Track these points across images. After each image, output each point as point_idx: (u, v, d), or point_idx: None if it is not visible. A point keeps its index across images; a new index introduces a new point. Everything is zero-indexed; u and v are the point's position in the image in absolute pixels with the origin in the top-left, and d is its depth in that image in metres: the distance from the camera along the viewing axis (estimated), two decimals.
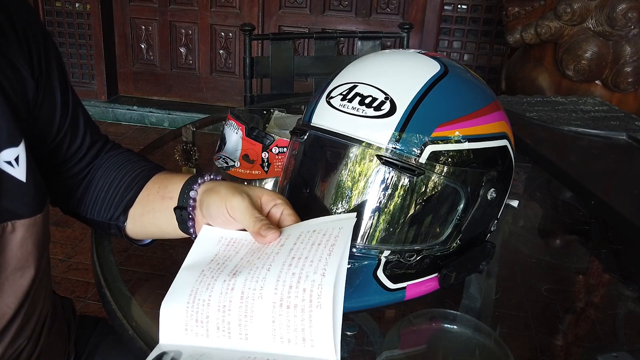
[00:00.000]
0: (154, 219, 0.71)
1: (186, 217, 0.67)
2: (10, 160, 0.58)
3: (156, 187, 0.72)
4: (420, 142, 0.63)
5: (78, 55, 3.73)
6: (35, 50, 0.65)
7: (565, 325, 0.77)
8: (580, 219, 1.11)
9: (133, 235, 0.75)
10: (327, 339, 0.53)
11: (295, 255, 0.57)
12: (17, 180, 0.59)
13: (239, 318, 0.55)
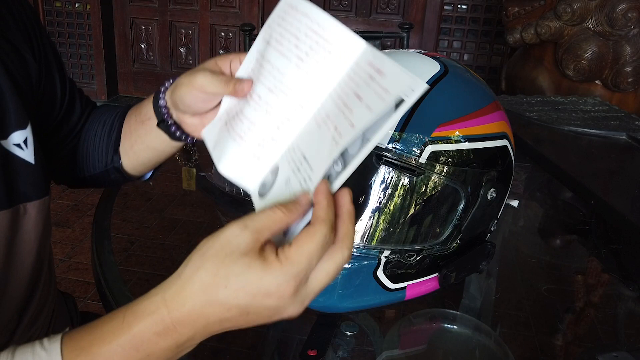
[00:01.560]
0: (144, 144, 0.72)
1: (170, 126, 0.66)
2: (19, 143, 0.59)
3: (133, 117, 0.73)
4: (420, 142, 0.63)
5: (78, 55, 3.74)
6: (32, 31, 0.66)
7: (565, 325, 0.77)
8: (580, 219, 1.11)
9: (132, 170, 0.75)
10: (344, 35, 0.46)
11: None
12: (27, 162, 0.60)
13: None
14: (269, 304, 0.42)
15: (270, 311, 0.42)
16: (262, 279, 0.41)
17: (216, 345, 0.69)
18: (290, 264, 0.41)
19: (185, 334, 0.43)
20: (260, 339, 0.73)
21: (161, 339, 0.42)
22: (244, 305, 0.42)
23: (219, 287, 0.41)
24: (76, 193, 2.54)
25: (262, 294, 0.41)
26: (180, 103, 0.61)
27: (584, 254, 1.02)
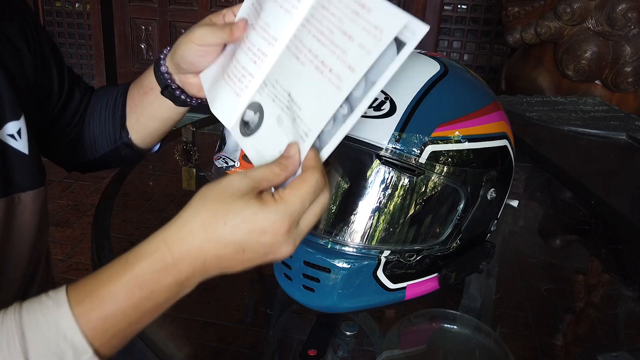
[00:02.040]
0: (150, 114, 0.73)
1: (174, 91, 0.68)
2: (12, 134, 0.60)
3: (135, 91, 0.74)
4: (420, 142, 0.63)
5: (78, 55, 3.74)
6: (26, 23, 0.67)
7: (565, 325, 0.77)
8: (580, 219, 1.11)
9: (141, 143, 0.77)
10: None
11: None
12: (21, 152, 0.61)
13: None
14: (263, 240, 0.44)
15: (265, 248, 0.45)
16: (258, 216, 0.44)
17: (216, 345, 0.69)
18: (284, 204, 0.44)
19: (184, 271, 0.45)
20: (260, 339, 0.73)
21: (162, 276, 0.44)
22: (240, 242, 0.44)
23: (218, 224, 0.44)
24: (76, 193, 2.54)
25: (257, 231, 0.44)
26: (182, 62, 0.63)
27: (584, 254, 1.02)
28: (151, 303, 0.45)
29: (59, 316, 0.43)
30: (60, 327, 0.42)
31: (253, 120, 0.53)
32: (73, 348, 0.43)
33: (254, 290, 0.84)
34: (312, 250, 0.66)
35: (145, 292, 0.44)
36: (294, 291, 0.69)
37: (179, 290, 0.46)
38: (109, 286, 0.44)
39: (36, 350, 0.42)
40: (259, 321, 0.76)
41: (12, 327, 0.42)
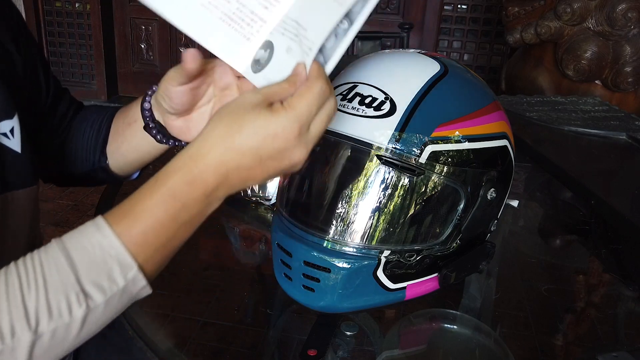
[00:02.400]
0: (130, 146, 0.72)
1: (152, 129, 0.67)
2: (5, 132, 0.60)
3: (121, 119, 0.74)
4: (420, 142, 0.63)
5: (78, 55, 3.74)
6: (15, 27, 0.67)
7: (565, 325, 0.77)
8: (580, 219, 1.11)
9: (118, 170, 0.76)
10: None
11: None
12: (14, 151, 0.61)
13: None
14: (277, 145, 0.48)
15: (280, 153, 0.49)
16: (270, 123, 0.48)
17: (216, 345, 0.69)
18: (293, 109, 0.48)
19: (210, 183, 0.48)
20: (260, 339, 0.73)
21: (192, 188, 0.48)
22: (256, 148, 0.48)
23: (234, 134, 0.48)
24: (76, 193, 2.54)
25: (271, 136, 0.48)
26: (163, 101, 0.63)
27: (584, 254, 1.02)
28: (185, 215, 0.48)
29: (102, 237, 0.46)
30: (104, 247, 0.45)
31: (263, 57, 0.56)
32: (119, 264, 0.46)
33: (254, 290, 0.84)
34: (312, 250, 0.66)
35: (179, 203, 0.48)
36: (294, 291, 0.69)
37: (209, 203, 0.49)
38: (144, 202, 0.47)
39: (85, 269, 0.44)
40: (259, 321, 0.76)
41: (58, 254, 0.45)
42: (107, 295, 0.45)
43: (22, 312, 0.42)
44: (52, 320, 0.43)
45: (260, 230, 0.97)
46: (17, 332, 0.42)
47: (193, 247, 0.92)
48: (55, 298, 0.43)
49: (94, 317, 0.45)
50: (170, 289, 0.80)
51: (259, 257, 0.91)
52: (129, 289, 0.47)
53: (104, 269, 0.45)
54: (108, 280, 0.45)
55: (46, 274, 0.44)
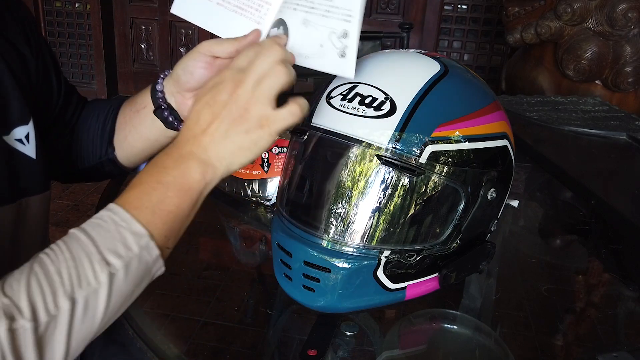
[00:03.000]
0: (138, 134, 0.73)
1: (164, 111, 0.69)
2: (21, 138, 0.60)
3: (128, 108, 0.74)
4: (420, 142, 0.63)
5: (78, 55, 3.74)
6: (28, 29, 0.67)
7: (565, 325, 0.77)
8: (580, 219, 1.11)
9: (125, 161, 0.77)
10: None
11: None
12: (29, 157, 0.61)
13: None
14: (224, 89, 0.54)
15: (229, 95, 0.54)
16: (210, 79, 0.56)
17: (216, 345, 0.69)
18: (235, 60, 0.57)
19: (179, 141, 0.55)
20: (260, 339, 0.73)
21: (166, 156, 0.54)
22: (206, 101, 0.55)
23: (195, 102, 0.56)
24: (76, 193, 2.54)
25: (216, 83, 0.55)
26: (184, 72, 0.65)
27: (584, 254, 1.02)
28: (168, 176, 0.53)
29: (112, 214, 0.51)
30: (115, 221, 0.50)
31: (278, 34, 0.62)
32: (132, 233, 0.50)
33: (254, 290, 0.84)
34: (312, 250, 0.66)
35: (160, 168, 0.54)
36: (294, 291, 0.69)
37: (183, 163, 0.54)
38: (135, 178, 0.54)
39: (102, 241, 0.49)
40: (259, 321, 0.76)
41: (77, 234, 0.50)
42: (124, 260, 0.49)
43: (59, 282, 0.46)
44: (82, 288, 0.47)
45: (260, 230, 0.97)
46: (58, 301, 0.46)
47: (193, 247, 0.92)
48: (82, 267, 0.48)
49: (117, 283, 0.49)
50: (170, 289, 0.80)
51: (259, 257, 0.91)
52: (144, 257, 0.51)
53: (119, 238, 0.50)
54: (124, 247, 0.50)
55: (71, 250, 0.48)
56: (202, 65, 0.63)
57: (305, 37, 0.60)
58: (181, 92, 0.67)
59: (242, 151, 0.55)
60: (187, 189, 0.53)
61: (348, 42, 0.59)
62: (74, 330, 0.47)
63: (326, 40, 0.60)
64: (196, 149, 0.54)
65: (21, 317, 0.44)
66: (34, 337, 0.44)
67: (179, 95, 0.67)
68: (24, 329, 0.44)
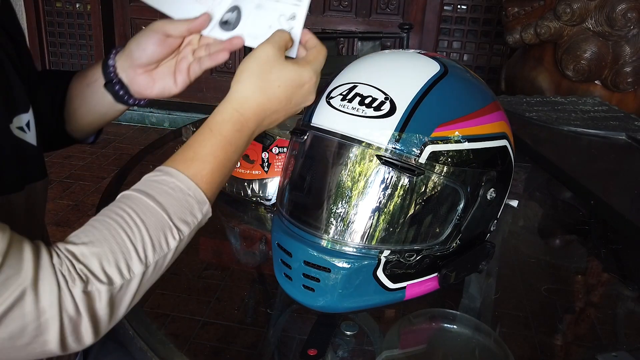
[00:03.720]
0: (88, 106, 0.74)
1: (115, 85, 0.71)
2: (22, 126, 0.61)
3: (78, 82, 0.75)
4: (420, 142, 0.63)
5: (78, 56, 3.74)
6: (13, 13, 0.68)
7: (565, 325, 0.77)
8: (580, 219, 1.11)
9: (75, 133, 0.78)
10: None
11: None
12: (30, 144, 0.62)
13: None
14: (303, 91, 0.63)
15: (303, 98, 0.63)
16: (300, 74, 0.62)
17: (216, 345, 0.70)
18: (314, 63, 0.63)
19: (252, 128, 0.61)
20: (260, 339, 0.73)
21: (241, 134, 0.60)
22: (289, 96, 0.62)
23: (273, 88, 0.61)
24: (76, 193, 2.54)
25: (299, 85, 0.62)
26: (137, 47, 0.69)
27: (583, 254, 1.02)
28: (236, 155, 0.60)
29: (179, 182, 0.55)
30: (182, 189, 0.55)
31: (232, 18, 0.68)
32: (197, 202, 0.55)
33: (254, 290, 0.84)
34: (312, 250, 0.66)
35: (233, 147, 0.59)
36: (294, 291, 0.69)
37: (249, 140, 0.62)
38: (207, 148, 0.58)
39: (172, 209, 0.53)
40: (259, 321, 0.76)
41: (145, 201, 0.53)
42: (191, 227, 0.55)
43: (134, 252, 0.50)
44: (155, 253, 0.52)
45: (260, 230, 0.97)
46: (132, 267, 0.50)
47: (193, 247, 0.92)
48: (156, 235, 0.52)
49: (181, 246, 0.55)
50: (170, 289, 0.80)
51: (259, 257, 0.91)
52: (202, 221, 0.57)
53: (187, 206, 0.55)
54: (191, 215, 0.55)
55: (144, 218, 0.52)
56: (155, 42, 0.68)
57: (256, 20, 0.66)
58: (133, 67, 0.70)
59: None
60: (241, 156, 0.63)
61: (295, 23, 0.65)
62: (142, 286, 0.52)
63: (275, 21, 0.66)
64: (260, 131, 0.63)
65: (97, 281, 0.48)
66: (108, 298, 0.49)
67: (131, 70, 0.70)
68: (99, 291, 0.48)
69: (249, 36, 0.67)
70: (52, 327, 0.46)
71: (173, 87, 0.72)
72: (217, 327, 0.73)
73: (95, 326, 0.49)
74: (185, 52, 0.71)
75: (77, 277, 0.47)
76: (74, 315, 0.47)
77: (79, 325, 0.47)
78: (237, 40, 0.68)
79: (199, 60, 0.70)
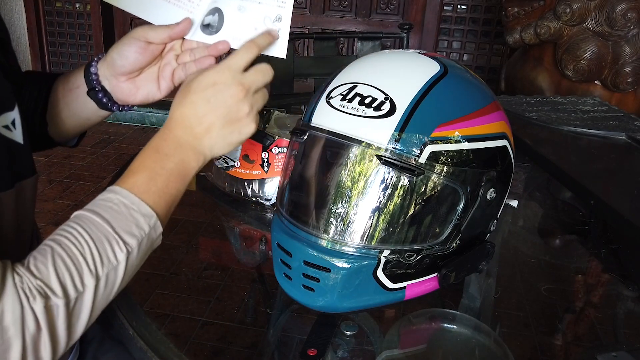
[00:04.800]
0: (71, 111, 0.75)
1: (97, 93, 0.72)
2: (7, 124, 0.61)
3: (61, 85, 0.76)
4: (420, 142, 0.63)
5: (78, 56, 3.74)
6: None
7: (564, 325, 0.77)
8: (579, 219, 1.11)
9: (57, 137, 0.78)
10: None
11: None
12: (17, 143, 0.62)
13: None
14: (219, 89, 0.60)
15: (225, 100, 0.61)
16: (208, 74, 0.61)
17: (216, 345, 0.70)
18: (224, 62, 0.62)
19: (179, 135, 0.61)
20: (260, 339, 0.73)
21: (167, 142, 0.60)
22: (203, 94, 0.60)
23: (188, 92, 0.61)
24: (76, 193, 2.54)
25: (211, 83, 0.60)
26: (119, 57, 0.69)
27: (583, 254, 1.02)
28: (170, 163, 0.59)
29: (121, 197, 0.56)
30: (126, 204, 0.56)
31: (214, 21, 0.67)
32: (142, 215, 0.56)
33: (254, 290, 0.84)
34: (312, 250, 0.66)
35: (162, 154, 0.60)
36: (294, 291, 0.69)
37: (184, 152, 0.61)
38: (138, 160, 0.59)
39: (117, 223, 0.54)
40: (259, 321, 0.76)
41: (91, 217, 0.54)
42: (138, 239, 0.55)
43: (84, 263, 0.51)
44: (104, 265, 0.53)
45: (260, 230, 0.97)
46: (84, 279, 0.51)
47: (193, 247, 0.92)
48: (103, 248, 0.53)
49: (131, 260, 0.55)
50: (170, 289, 0.80)
51: (259, 257, 0.91)
52: (151, 234, 0.57)
53: (131, 220, 0.55)
54: (137, 228, 0.56)
55: (90, 232, 0.53)
56: (137, 50, 0.68)
57: (240, 22, 0.66)
58: (115, 75, 0.70)
59: (231, 144, 0.63)
60: (185, 174, 0.61)
61: (281, 25, 0.66)
62: (97, 301, 0.53)
63: (260, 23, 0.66)
64: (193, 140, 0.61)
65: (54, 296, 0.49)
66: (65, 312, 0.50)
67: (113, 79, 0.71)
68: (57, 306, 0.49)
69: (234, 39, 0.67)
70: (14, 345, 0.46)
71: (157, 93, 0.73)
72: (217, 327, 0.73)
73: (54, 343, 0.49)
74: (168, 58, 0.71)
75: (37, 294, 0.48)
76: (34, 332, 0.47)
77: (38, 342, 0.48)
78: (223, 45, 0.68)
79: (184, 65, 0.70)
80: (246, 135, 0.63)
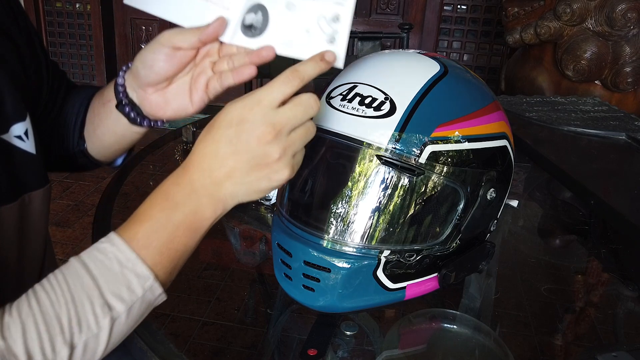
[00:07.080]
0: (106, 127, 0.69)
1: (125, 107, 0.65)
2: (20, 135, 0.59)
3: (97, 100, 0.71)
4: (420, 142, 0.63)
5: (78, 56, 3.74)
6: (17, 14, 0.66)
7: (564, 325, 0.77)
8: (579, 218, 1.11)
9: (97, 155, 0.74)
10: None
11: None
12: (29, 153, 0.60)
13: None
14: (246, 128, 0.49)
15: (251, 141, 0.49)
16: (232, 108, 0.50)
17: (216, 345, 0.70)
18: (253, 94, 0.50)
19: (195, 179, 0.51)
20: (260, 339, 0.73)
21: (179, 187, 0.51)
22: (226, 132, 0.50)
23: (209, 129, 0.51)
24: (76, 193, 2.54)
25: (235, 119, 0.50)
26: (142, 66, 0.60)
27: (583, 254, 1.02)
28: (179, 214, 0.50)
29: (117, 251, 0.49)
30: (120, 260, 0.48)
31: (257, 21, 0.56)
32: (136, 276, 0.48)
33: (254, 290, 0.84)
34: (312, 250, 0.66)
35: (171, 202, 0.50)
36: (294, 291, 0.69)
37: (198, 199, 0.51)
38: (144, 206, 0.51)
39: (106, 283, 0.47)
40: (259, 321, 0.76)
41: (80, 271, 0.47)
42: (127, 304, 0.48)
43: (58, 328, 0.45)
44: (82, 332, 0.46)
45: (260, 230, 0.97)
46: (56, 347, 0.45)
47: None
48: (83, 312, 0.46)
49: (118, 326, 0.48)
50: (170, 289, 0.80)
51: (259, 257, 0.91)
52: (147, 297, 0.50)
53: (123, 281, 0.48)
54: (128, 290, 0.48)
55: (72, 291, 0.46)
56: (163, 58, 0.58)
57: (288, 23, 0.54)
58: (142, 87, 0.62)
59: (258, 192, 0.52)
60: (196, 228, 0.51)
61: (339, 26, 0.53)
62: None
63: (314, 25, 0.54)
64: (210, 186, 0.51)
65: None
66: None
67: (141, 91, 0.63)
68: None
69: (282, 44, 0.55)
70: None
71: (189, 106, 0.63)
72: (217, 327, 0.73)
73: None
74: (202, 66, 0.61)
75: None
76: None
77: None
78: (267, 52, 0.56)
79: (220, 75, 0.60)
80: (278, 182, 0.52)
